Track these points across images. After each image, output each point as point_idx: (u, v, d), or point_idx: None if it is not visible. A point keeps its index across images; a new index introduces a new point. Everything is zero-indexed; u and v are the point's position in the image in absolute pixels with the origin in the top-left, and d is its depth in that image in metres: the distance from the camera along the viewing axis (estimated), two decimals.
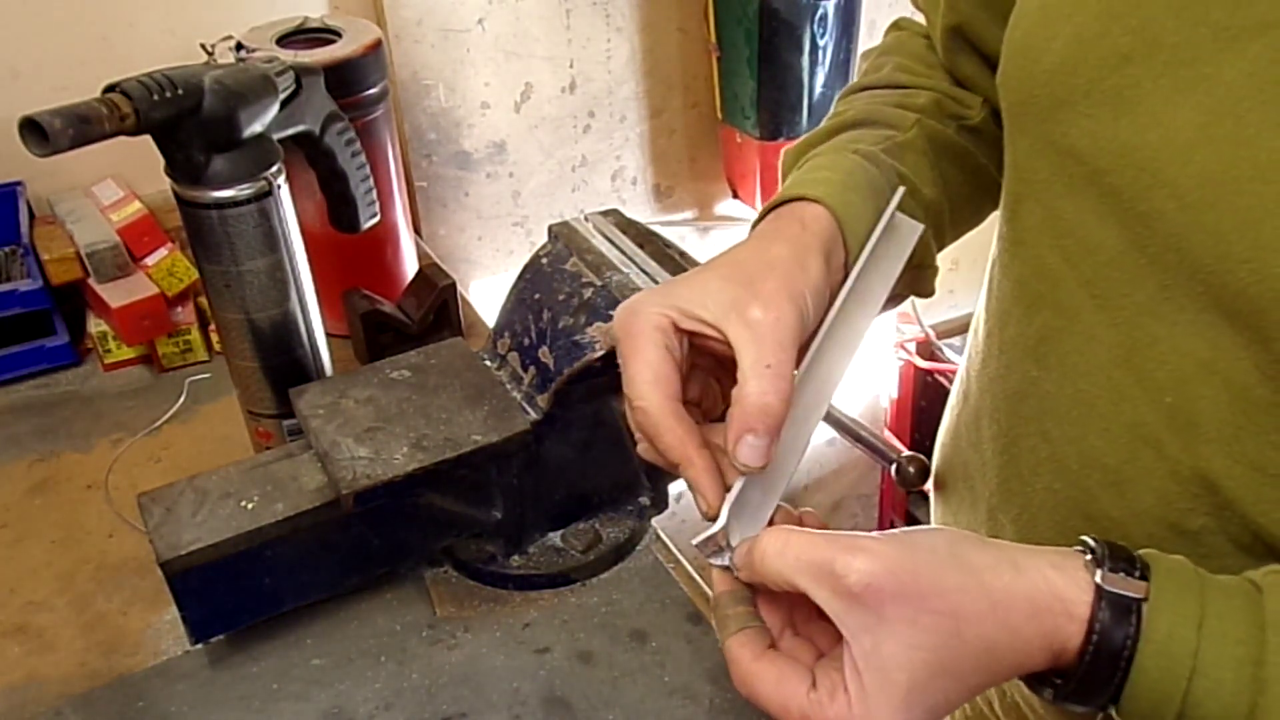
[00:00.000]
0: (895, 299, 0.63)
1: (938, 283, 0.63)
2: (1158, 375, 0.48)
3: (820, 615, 0.45)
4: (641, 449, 0.52)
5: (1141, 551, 0.44)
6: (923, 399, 1.89)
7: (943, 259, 0.67)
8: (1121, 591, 0.42)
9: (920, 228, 0.55)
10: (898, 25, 0.74)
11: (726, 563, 0.48)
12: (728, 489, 0.49)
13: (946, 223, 0.64)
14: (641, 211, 1.49)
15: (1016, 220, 0.56)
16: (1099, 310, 0.51)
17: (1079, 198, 0.50)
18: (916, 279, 0.62)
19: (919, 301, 1.73)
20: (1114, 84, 0.47)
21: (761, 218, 0.57)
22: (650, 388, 0.48)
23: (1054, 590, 0.43)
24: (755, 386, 0.46)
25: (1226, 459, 0.47)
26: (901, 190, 0.54)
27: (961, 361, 0.70)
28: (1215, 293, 0.45)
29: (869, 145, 0.61)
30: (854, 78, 1.36)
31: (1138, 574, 0.43)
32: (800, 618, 0.49)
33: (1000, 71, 0.56)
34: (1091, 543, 0.44)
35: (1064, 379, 0.53)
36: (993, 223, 0.66)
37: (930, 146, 0.63)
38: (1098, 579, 0.42)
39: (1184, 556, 0.45)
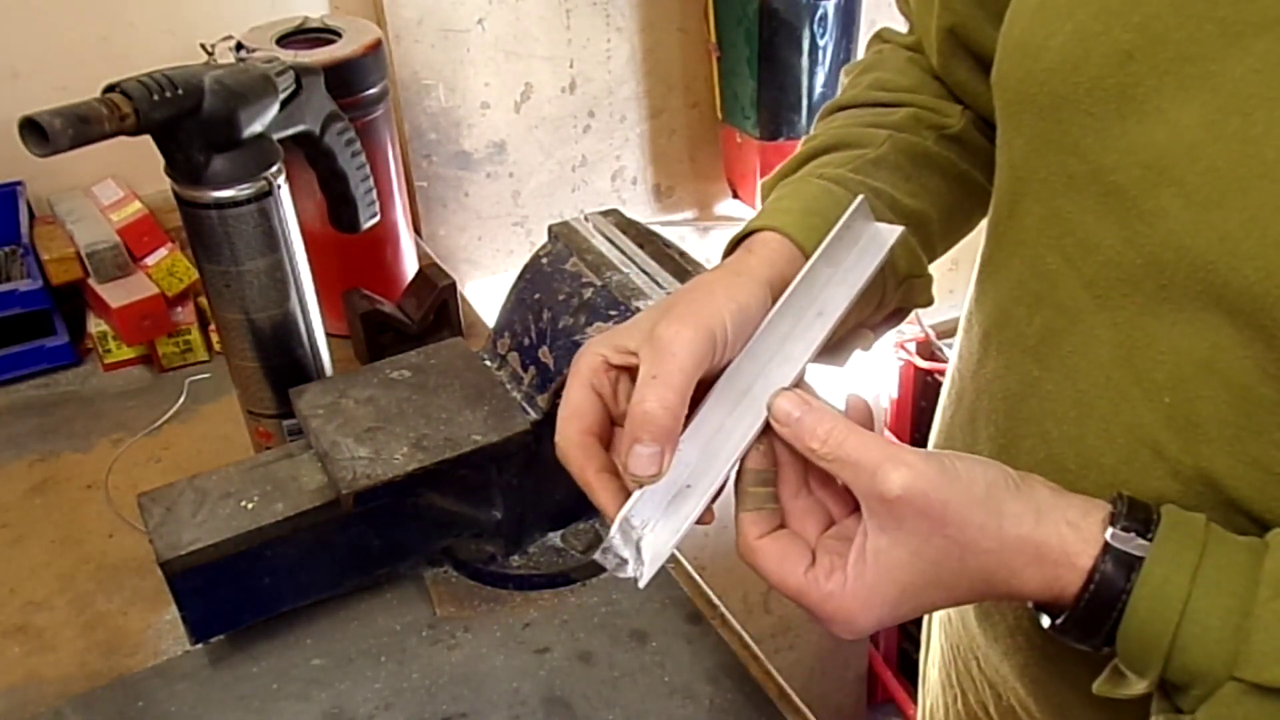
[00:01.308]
0: (894, 315, 0.63)
1: (935, 289, 0.63)
2: (1156, 375, 0.49)
3: (840, 485, 0.49)
4: None
5: (1164, 507, 0.46)
6: (923, 399, 1.89)
7: (942, 259, 0.67)
8: (1126, 549, 0.44)
9: (899, 230, 0.55)
10: (880, 37, 0.74)
11: (630, 574, 0.49)
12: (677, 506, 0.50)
13: (935, 232, 0.64)
14: (641, 211, 1.49)
15: (1014, 220, 0.56)
16: (1100, 310, 0.51)
17: (1079, 196, 0.50)
18: (910, 291, 0.62)
19: None
20: (1117, 82, 0.47)
21: (725, 255, 0.59)
22: (563, 423, 0.52)
23: (1064, 544, 0.45)
24: (637, 396, 0.48)
25: (1229, 458, 0.47)
26: (860, 198, 0.54)
27: (951, 362, 0.69)
28: (1217, 291, 0.45)
29: (836, 168, 0.61)
30: None
31: (1150, 536, 0.45)
32: (817, 480, 0.51)
33: (995, 70, 0.56)
34: (1117, 499, 0.46)
35: (1064, 379, 0.53)
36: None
37: (905, 159, 0.63)
38: (1107, 536, 0.45)
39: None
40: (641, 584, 0.49)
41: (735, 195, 1.50)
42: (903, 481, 0.44)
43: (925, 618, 0.87)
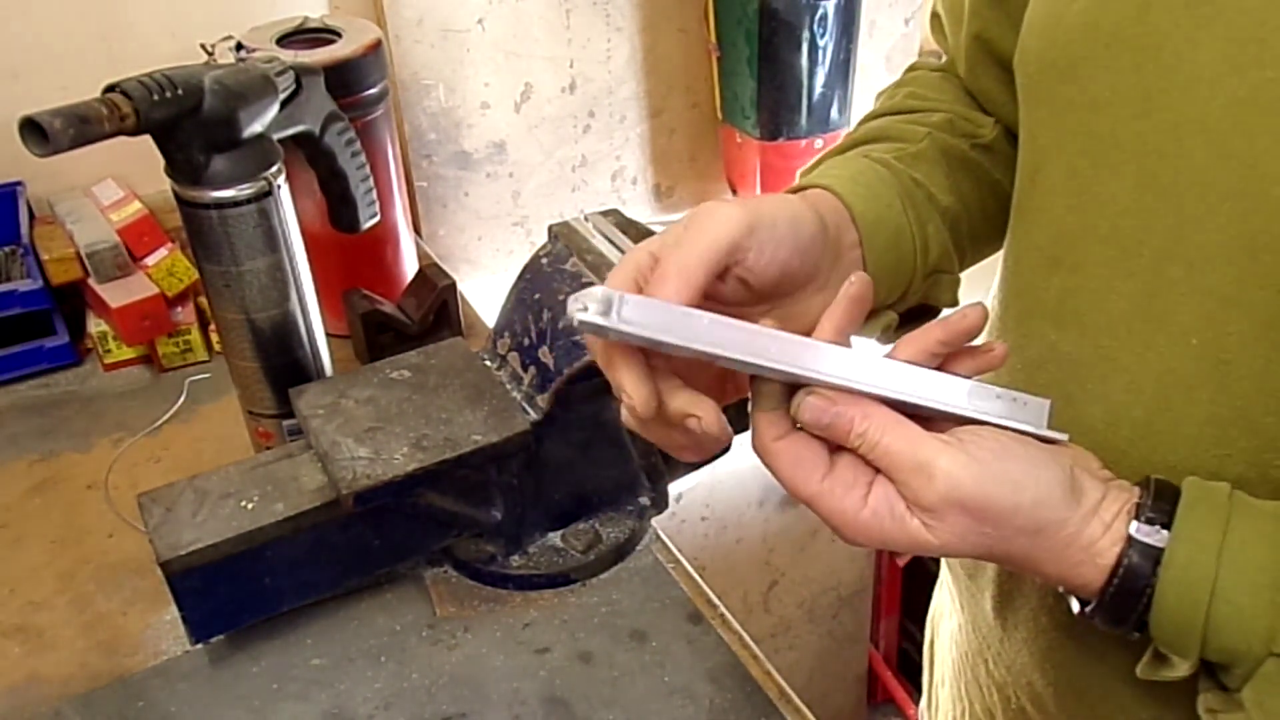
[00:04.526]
0: (918, 314, 0.64)
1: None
2: (1180, 318, 0.49)
3: None
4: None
5: (1186, 481, 0.47)
6: None
7: None
8: (1149, 542, 0.45)
9: (1046, 403, 0.52)
10: (913, 67, 0.76)
11: (603, 323, 0.47)
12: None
13: (965, 234, 0.65)
14: (641, 211, 1.49)
15: (1035, 188, 0.57)
16: (1114, 262, 0.51)
17: (1097, 151, 0.51)
18: (935, 286, 0.62)
19: None
20: (1134, 33, 0.48)
21: None
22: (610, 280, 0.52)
23: (1092, 543, 0.46)
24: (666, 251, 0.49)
25: (1261, 394, 0.47)
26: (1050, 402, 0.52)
27: None
28: (1239, 223, 0.45)
29: (881, 154, 0.62)
30: (853, 78, 1.37)
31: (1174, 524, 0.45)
32: None
33: (1019, 49, 0.57)
34: (1145, 485, 0.47)
35: (1083, 338, 0.54)
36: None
37: (943, 158, 0.65)
38: (1131, 530, 0.45)
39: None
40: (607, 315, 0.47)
41: (735, 195, 1.50)
42: (940, 491, 0.45)
43: (928, 639, 0.87)
